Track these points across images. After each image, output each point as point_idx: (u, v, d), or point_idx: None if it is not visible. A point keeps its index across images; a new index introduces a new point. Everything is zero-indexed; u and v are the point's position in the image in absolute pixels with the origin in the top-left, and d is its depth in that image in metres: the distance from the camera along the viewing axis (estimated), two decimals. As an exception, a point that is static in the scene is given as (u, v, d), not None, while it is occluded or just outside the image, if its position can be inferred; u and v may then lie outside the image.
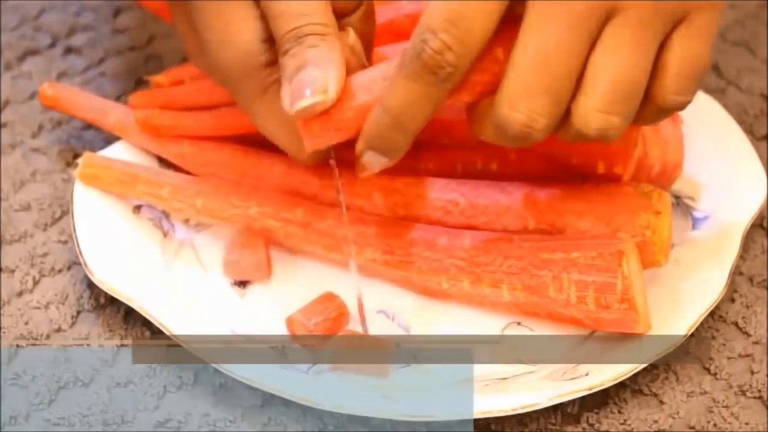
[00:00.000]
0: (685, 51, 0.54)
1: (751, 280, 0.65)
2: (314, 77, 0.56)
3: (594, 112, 0.53)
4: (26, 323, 0.63)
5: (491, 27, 0.53)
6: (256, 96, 0.59)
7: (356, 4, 0.61)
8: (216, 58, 0.59)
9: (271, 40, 0.59)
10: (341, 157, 0.62)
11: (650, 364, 0.59)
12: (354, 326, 0.63)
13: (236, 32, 0.58)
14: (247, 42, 0.58)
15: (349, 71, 0.58)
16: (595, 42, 0.53)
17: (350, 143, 0.59)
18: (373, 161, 0.57)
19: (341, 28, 0.60)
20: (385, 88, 0.55)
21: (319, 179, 0.66)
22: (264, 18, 0.58)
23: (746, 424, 0.59)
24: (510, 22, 0.54)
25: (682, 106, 0.56)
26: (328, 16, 0.57)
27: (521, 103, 0.53)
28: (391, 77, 0.55)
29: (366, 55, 0.63)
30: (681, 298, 0.62)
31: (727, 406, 0.60)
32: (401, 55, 0.54)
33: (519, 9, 0.54)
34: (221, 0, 0.58)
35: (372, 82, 0.58)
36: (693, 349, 0.62)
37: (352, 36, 0.60)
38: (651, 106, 0.55)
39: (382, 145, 0.56)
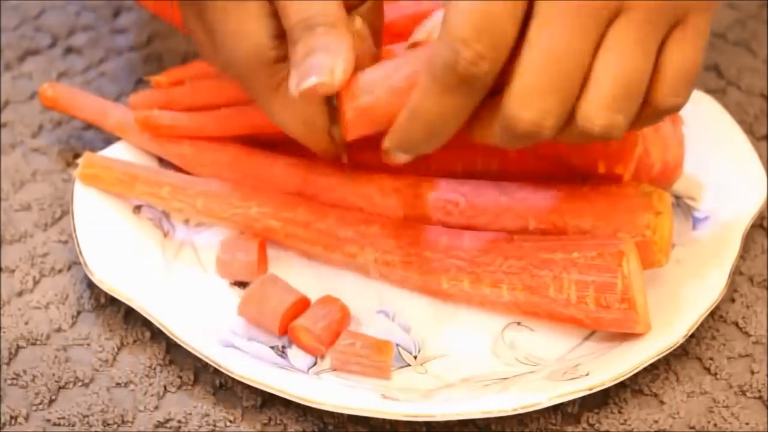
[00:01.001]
0: (682, 52, 0.55)
1: (751, 280, 0.65)
2: (321, 62, 0.56)
3: (599, 110, 0.53)
4: (26, 323, 0.64)
5: (517, 29, 0.53)
6: (270, 91, 0.60)
7: None
8: (229, 56, 0.60)
9: (282, 37, 0.59)
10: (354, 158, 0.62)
11: (650, 364, 0.59)
12: (355, 327, 0.63)
13: (248, 29, 0.59)
14: (259, 38, 0.58)
15: (359, 58, 0.58)
16: (600, 41, 0.53)
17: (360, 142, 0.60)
18: (400, 157, 0.58)
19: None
20: (417, 97, 0.55)
21: (319, 178, 0.66)
22: (275, 15, 0.59)
23: (746, 424, 0.59)
24: None
25: (677, 108, 0.56)
26: (339, 9, 0.57)
27: (532, 101, 0.53)
28: (422, 87, 0.54)
29: (375, 48, 0.63)
30: (681, 298, 0.62)
31: (727, 406, 0.60)
32: (429, 63, 0.53)
33: (527, 9, 0.54)
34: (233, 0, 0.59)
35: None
36: (693, 349, 0.62)
37: (358, 21, 0.60)
38: (649, 108, 0.55)
39: (413, 149, 0.57)
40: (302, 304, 0.63)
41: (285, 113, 0.61)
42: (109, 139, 0.71)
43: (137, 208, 0.68)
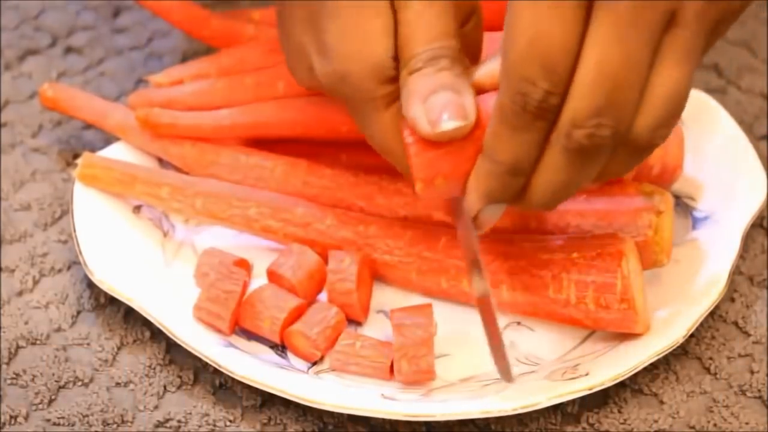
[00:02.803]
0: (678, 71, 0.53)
1: (751, 279, 0.65)
2: (453, 101, 0.55)
3: (653, 130, 0.52)
4: (26, 323, 0.64)
5: (578, 46, 0.51)
6: (379, 110, 0.58)
7: (471, 10, 0.60)
8: (342, 69, 0.58)
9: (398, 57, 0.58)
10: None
11: (650, 364, 0.59)
12: (354, 327, 0.63)
13: (371, 48, 0.57)
14: (381, 57, 0.57)
15: None
16: (656, 51, 0.51)
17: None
18: (492, 212, 0.56)
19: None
20: (491, 142, 0.54)
21: (319, 179, 0.66)
22: (395, 34, 0.57)
23: (746, 423, 0.59)
24: None
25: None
26: (458, 42, 0.57)
27: (588, 120, 0.51)
28: (495, 131, 0.53)
29: (474, 61, 0.62)
30: (681, 298, 0.62)
31: (727, 406, 0.60)
32: (498, 107, 0.53)
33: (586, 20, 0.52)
34: (360, 10, 0.57)
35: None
36: (693, 348, 0.62)
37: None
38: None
39: (504, 193, 0.55)
40: (299, 310, 0.62)
41: (389, 135, 0.58)
42: (109, 139, 0.71)
43: (137, 208, 0.68)
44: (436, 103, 0.55)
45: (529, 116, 0.52)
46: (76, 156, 0.72)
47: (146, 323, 0.63)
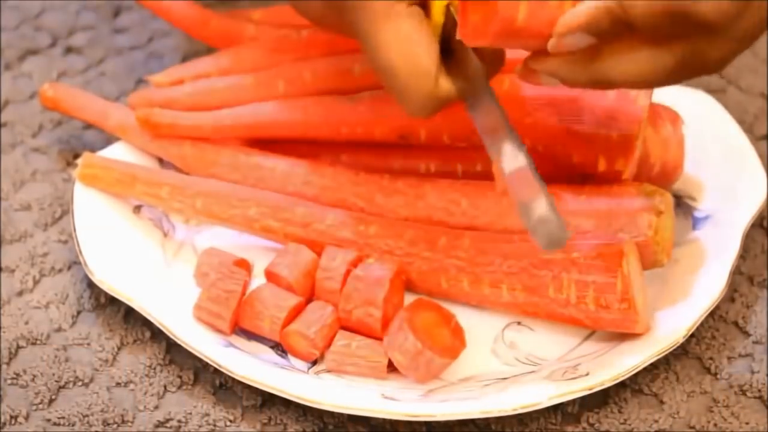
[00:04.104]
0: None
1: (751, 279, 0.65)
2: None
3: None
4: (26, 323, 0.64)
5: None
6: (381, 18, 0.55)
7: None
8: None
9: None
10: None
11: (650, 364, 0.59)
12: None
13: None
14: None
15: None
16: None
17: None
18: (575, 43, 0.53)
19: None
20: None
21: (319, 178, 0.66)
22: None
23: (746, 423, 0.59)
24: None
25: None
26: None
27: None
28: None
29: None
30: (681, 298, 0.62)
31: (727, 406, 0.60)
32: None
33: None
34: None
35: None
36: (693, 348, 0.62)
37: None
38: None
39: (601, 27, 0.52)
40: (299, 309, 0.62)
41: (392, 48, 0.55)
42: (109, 139, 0.71)
43: (137, 208, 0.68)
44: None
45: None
46: (76, 156, 0.72)
47: (146, 323, 0.63)
